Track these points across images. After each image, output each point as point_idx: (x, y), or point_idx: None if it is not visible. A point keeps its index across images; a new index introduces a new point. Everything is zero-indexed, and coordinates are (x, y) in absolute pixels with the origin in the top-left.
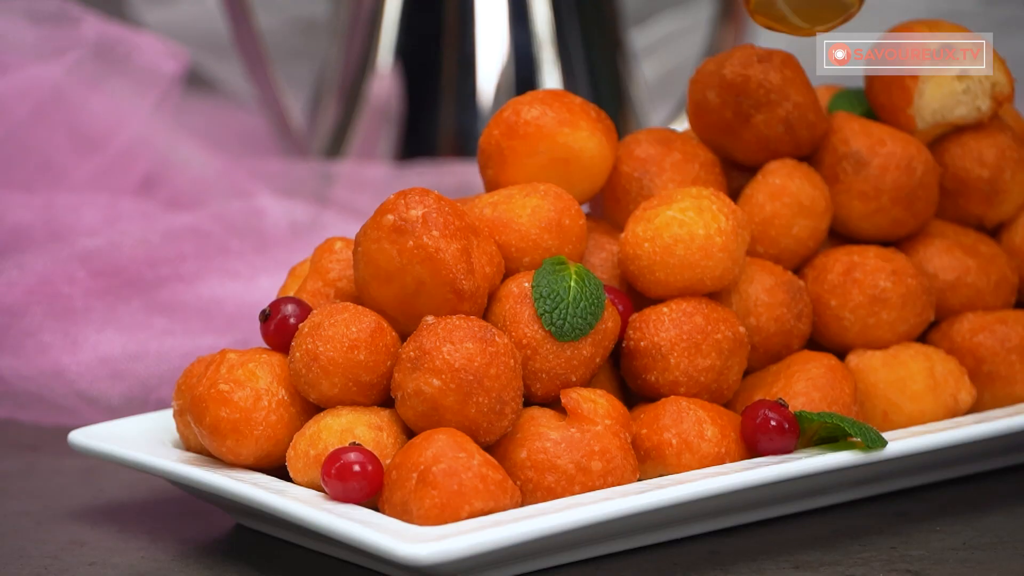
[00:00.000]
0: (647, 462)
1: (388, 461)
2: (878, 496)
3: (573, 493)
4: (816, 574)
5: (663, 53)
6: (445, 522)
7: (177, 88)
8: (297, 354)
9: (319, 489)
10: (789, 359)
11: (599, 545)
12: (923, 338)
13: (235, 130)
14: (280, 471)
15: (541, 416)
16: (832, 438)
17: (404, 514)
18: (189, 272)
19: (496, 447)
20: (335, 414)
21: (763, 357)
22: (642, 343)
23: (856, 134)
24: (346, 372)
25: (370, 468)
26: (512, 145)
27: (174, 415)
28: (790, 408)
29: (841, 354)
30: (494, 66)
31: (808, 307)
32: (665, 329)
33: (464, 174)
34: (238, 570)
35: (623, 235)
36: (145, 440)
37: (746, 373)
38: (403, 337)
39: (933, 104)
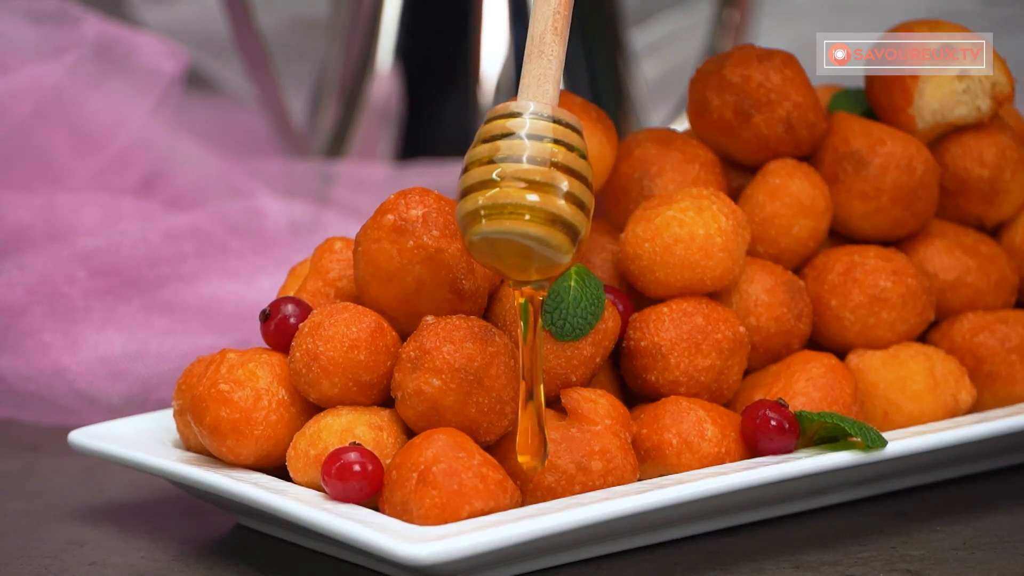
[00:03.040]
0: (647, 462)
1: (388, 461)
2: (878, 496)
3: (573, 493)
4: (816, 574)
5: (663, 53)
6: (445, 522)
7: (177, 88)
8: (297, 354)
9: (319, 489)
10: (789, 359)
11: (599, 545)
12: (923, 338)
13: (235, 130)
14: (280, 471)
15: None
16: (832, 438)
17: (404, 514)
18: (189, 272)
19: (496, 447)
20: (335, 414)
21: (763, 357)
22: (642, 343)
23: (856, 134)
24: (346, 372)
25: (370, 468)
26: None
27: (174, 415)
28: (790, 408)
29: (841, 354)
30: (494, 66)
31: (808, 307)
32: (665, 329)
33: None
34: (238, 570)
35: (623, 235)
36: (145, 440)
37: (746, 373)
38: (403, 337)
39: (933, 104)
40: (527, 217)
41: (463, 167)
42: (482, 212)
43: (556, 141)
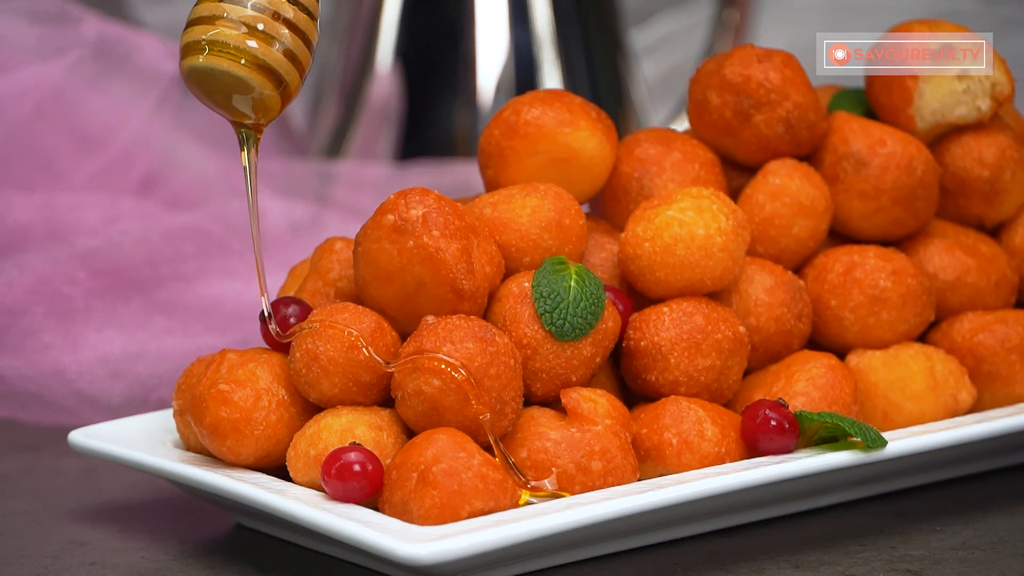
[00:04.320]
0: (647, 462)
1: (388, 461)
2: (878, 496)
3: (573, 493)
4: (816, 574)
5: (663, 53)
6: (445, 522)
7: (177, 88)
8: (297, 354)
9: (319, 489)
10: (789, 359)
11: (599, 545)
12: (923, 338)
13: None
14: (280, 471)
15: (541, 416)
16: (832, 438)
17: (404, 514)
18: (189, 272)
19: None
20: (335, 414)
21: (763, 357)
22: (642, 343)
23: (856, 134)
24: (346, 372)
25: (370, 468)
26: (512, 145)
27: (174, 415)
28: (790, 408)
29: (841, 354)
30: (494, 66)
31: (808, 307)
32: (665, 329)
33: (464, 174)
34: (238, 570)
35: (623, 235)
36: (145, 440)
37: (746, 373)
38: (403, 337)
39: (933, 104)
40: (242, 61)
41: None
42: (203, 46)
43: None
